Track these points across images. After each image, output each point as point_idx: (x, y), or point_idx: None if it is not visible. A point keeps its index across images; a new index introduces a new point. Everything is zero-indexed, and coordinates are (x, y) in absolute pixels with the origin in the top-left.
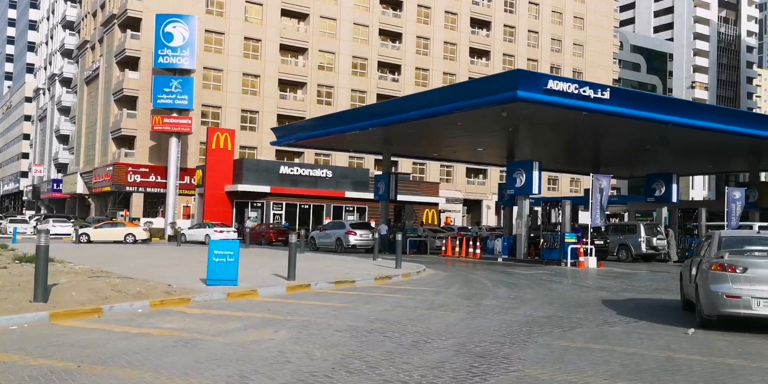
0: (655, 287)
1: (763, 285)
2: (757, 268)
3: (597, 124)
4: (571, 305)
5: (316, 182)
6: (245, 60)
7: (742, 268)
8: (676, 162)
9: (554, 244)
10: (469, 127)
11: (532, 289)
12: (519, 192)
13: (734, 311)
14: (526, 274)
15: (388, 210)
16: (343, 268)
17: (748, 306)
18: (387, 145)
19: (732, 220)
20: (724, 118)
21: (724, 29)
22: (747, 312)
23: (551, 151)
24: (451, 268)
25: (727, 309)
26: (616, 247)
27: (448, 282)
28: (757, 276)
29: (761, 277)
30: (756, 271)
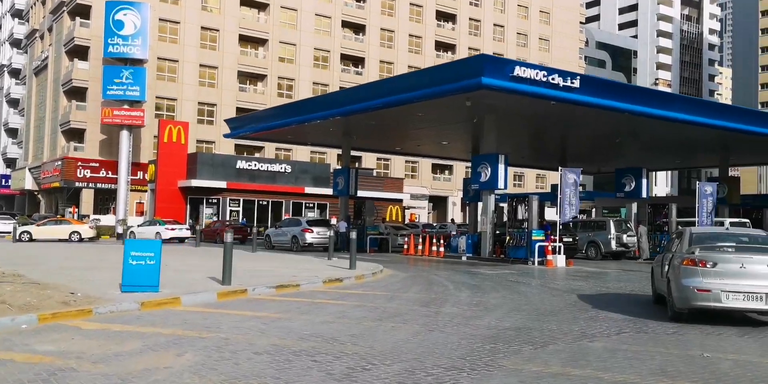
0: (631, 288)
1: (732, 279)
2: (726, 263)
3: (566, 115)
4: (542, 312)
5: (275, 177)
6: (202, 51)
7: (712, 263)
8: (645, 157)
9: (521, 242)
10: (432, 118)
11: (497, 293)
12: (484, 187)
13: (705, 304)
14: (492, 275)
15: (347, 206)
16: (292, 269)
17: (718, 299)
18: (347, 137)
19: (703, 216)
20: (694, 109)
21: (687, 27)
22: (717, 305)
23: (518, 145)
24: (411, 268)
25: (699, 302)
26: (585, 245)
27: (405, 285)
28: (726, 270)
29: (730, 271)
30: (725, 266)
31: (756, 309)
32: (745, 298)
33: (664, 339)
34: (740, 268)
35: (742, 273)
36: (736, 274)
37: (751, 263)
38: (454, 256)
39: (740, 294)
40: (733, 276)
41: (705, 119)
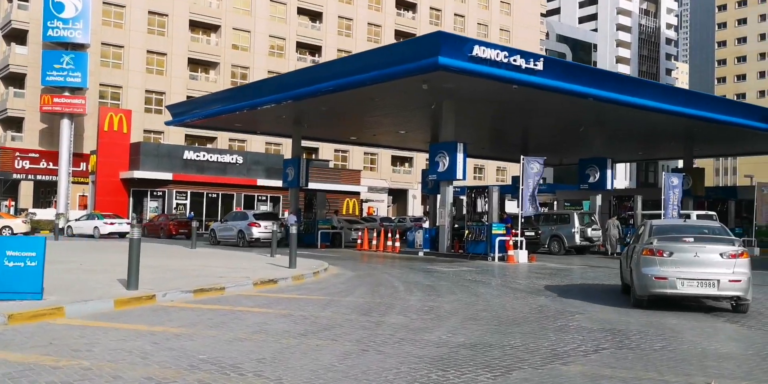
0: (600, 288)
1: (687, 267)
2: (681, 252)
3: (528, 102)
4: (503, 321)
5: (226, 169)
6: (150, 36)
7: (668, 253)
8: (608, 147)
9: (480, 236)
10: (388, 104)
11: (453, 295)
12: (442, 177)
13: (662, 291)
14: (448, 273)
15: (298, 198)
16: (225, 268)
17: (674, 286)
18: (297, 125)
19: (669, 208)
20: (661, 95)
21: (645, 21)
22: (672, 291)
23: (478, 135)
24: (361, 266)
25: (656, 289)
26: (548, 239)
27: (349, 286)
28: (682, 259)
29: (685, 260)
30: (681, 255)
31: (708, 294)
32: (699, 285)
33: (654, 358)
34: (694, 256)
35: (696, 261)
36: (690, 262)
37: (704, 252)
38: (410, 251)
39: (694, 281)
40: (687, 264)
41: (672, 106)
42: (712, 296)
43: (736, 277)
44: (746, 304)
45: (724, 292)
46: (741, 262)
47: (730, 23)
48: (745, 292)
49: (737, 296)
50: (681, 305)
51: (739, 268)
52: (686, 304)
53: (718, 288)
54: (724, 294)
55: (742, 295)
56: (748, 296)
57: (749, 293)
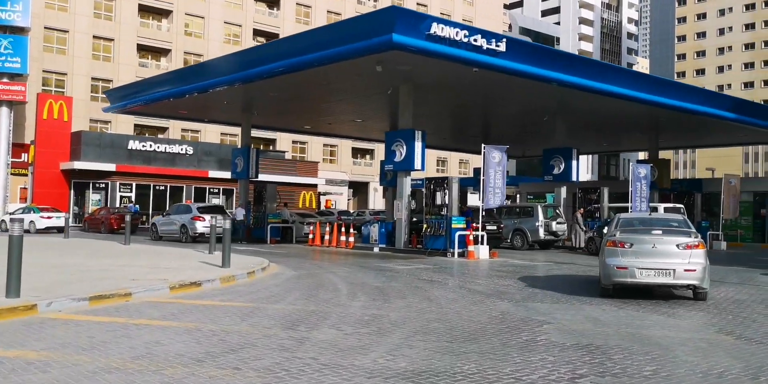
0: (571, 288)
1: (645, 258)
2: (641, 243)
3: (490, 87)
4: (458, 336)
5: (174, 160)
6: (96, 21)
7: (629, 244)
8: (573, 138)
9: (440, 231)
10: (341, 89)
11: (403, 300)
12: (399, 167)
13: (623, 280)
14: (403, 272)
15: (247, 190)
16: (146, 268)
17: (633, 275)
18: (247, 113)
19: (637, 200)
20: (629, 81)
21: (607, 15)
22: (632, 280)
23: (438, 124)
24: (307, 264)
25: (618, 278)
26: (511, 233)
27: (285, 289)
28: (641, 250)
29: (644, 251)
30: (640, 246)
31: (665, 283)
32: (656, 274)
33: (637, 372)
34: (652, 248)
35: (654, 252)
36: (649, 253)
37: (662, 243)
38: (365, 247)
39: (651, 270)
40: (646, 255)
41: (640, 93)
42: (669, 285)
43: (691, 266)
44: (704, 292)
45: (680, 281)
46: (696, 252)
47: (690, 18)
48: (700, 281)
49: (693, 285)
50: (649, 295)
51: (694, 259)
52: (656, 293)
53: (674, 277)
54: (680, 282)
55: (697, 283)
56: (704, 285)
57: (705, 282)
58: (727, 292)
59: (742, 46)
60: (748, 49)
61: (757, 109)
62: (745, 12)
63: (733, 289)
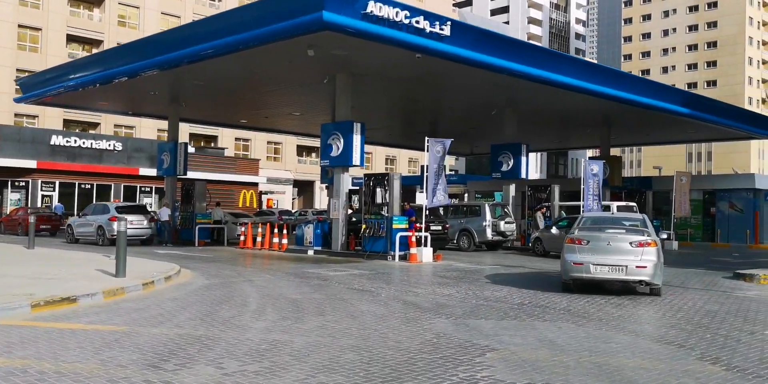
0: (521, 299)
1: (600, 254)
2: (596, 241)
3: (435, 76)
4: (376, 374)
5: (102, 156)
6: (22, 8)
7: (586, 241)
8: (522, 134)
9: (380, 232)
10: (273, 78)
11: (318, 319)
12: (336, 163)
13: (579, 275)
14: (332, 279)
15: (174, 188)
16: (25, 278)
17: (588, 271)
18: (175, 104)
19: (589, 198)
20: (580, 71)
21: (556, 15)
22: (587, 275)
23: (383, 119)
24: (227, 270)
25: (575, 274)
26: (457, 234)
27: (182, 304)
28: (596, 247)
29: (599, 248)
30: (596, 244)
31: (618, 279)
32: (609, 270)
33: None
34: (607, 245)
35: (608, 249)
36: (603, 250)
37: (616, 241)
38: (300, 250)
39: (605, 266)
40: (601, 252)
41: (593, 85)
42: (622, 280)
43: (642, 263)
44: (657, 287)
45: (632, 277)
46: (648, 250)
47: (636, 19)
48: (651, 277)
49: (644, 281)
50: (607, 292)
51: (646, 256)
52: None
53: (626, 273)
54: (632, 278)
55: (648, 279)
56: (655, 281)
57: (657, 278)
58: (695, 301)
59: (685, 47)
60: (691, 50)
61: (708, 104)
62: (688, 13)
63: (700, 297)
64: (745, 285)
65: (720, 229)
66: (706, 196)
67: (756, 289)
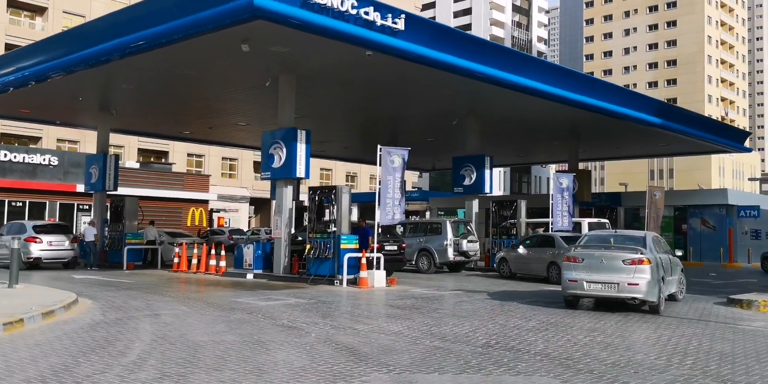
0: (486, 338)
1: (594, 272)
2: (590, 258)
3: (389, 79)
4: None
5: (35, 171)
6: None
7: (581, 259)
8: (486, 147)
9: (326, 253)
10: (208, 81)
11: (213, 376)
12: (278, 175)
13: (574, 292)
14: (260, 311)
15: (104, 205)
16: None
17: (582, 287)
18: (105, 112)
19: (558, 215)
20: (547, 75)
21: (518, 34)
22: (581, 292)
23: (337, 130)
24: (139, 301)
25: (570, 290)
26: (415, 254)
27: (43, 352)
28: (590, 265)
29: (592, 266)
30: (589, 261)
31: (611, 296)
32: (602, 287)
33: None
34: (600, 263)
35: (601, 267)
36: (597, 267)
37: (609, 259)
38: (238, 273)
39: (598, 284)
40: (594, 269)
41: (560, 90)
42: (614, 298)
43: (634, 280)
44: (653, 304)
45: (623, 294)
46: (641, 268)
47: (597, 37)
48: (644, 295)
49: (637, 298)
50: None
51: (639, 274)
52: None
53: (618, 290)
54: (624, 295)
55: (641, 296)
56: (649, 298)
57: (651, 295)
58: (699, 339)
59: (646, 65)
60: (651, 69)
61: (680, 113)
62: (648, 32)
63: (701, 332)
64: (745, 314)
65: (692, 247)
66: (677, 213)
67: (759, 318)
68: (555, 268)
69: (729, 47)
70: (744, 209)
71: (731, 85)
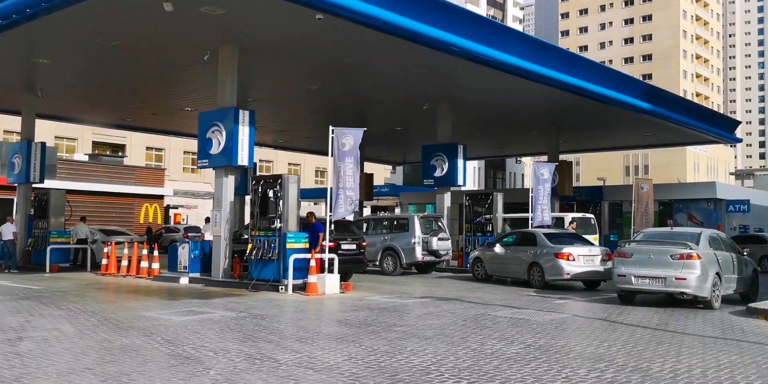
0: (455, 378)
1: (642, 267)
2: (639, 254)
3: (348, 53)
4: None
5: None
6: None
7: (630, 255)
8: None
9: (270, 253)
10: (136, 54)
11: None
12: (216, 162)
13: (623, 286)
14: (164, 330)
15: (28, 199)
16: None
17: (630, 282)
18: (30, 94)
19: (538, 209)
20: (530, 51)
21: (493, 12)
22: (630, 287)
23: (296, 119)
24: (20, 315)
25: (620, 285)
26: (380, 253)
27: None
28: (639, 260)
29: (641, 261)
30: (638, 257)
31: (659, 290)
32: (650, 282)
33: None
34: (648, 258)
35: (649, 262)
36: (645, 263)
37: (657, 254)
38: (173, 277)
39: (646, 278)
40: (642, 264)
41: (544, 69)
42: (662, 292)
43: (682, 275)
44: (705, 300)
45: (671, 288)
46: (690, 263)
47: (573, 31)
48: (693, 290)
49: (684, 293)
50: None
51: (687, 269)
52: None
53: (665, 284)
54: (672, 290)
55: (689, 291)
56: (699, 293)
57: (701, 291)
58: (744, 370)
59: (621, 60)
60: (627, 63)
61: (670, 99)
62: (624, 26)
63: (738, 359)
64: None
65: None
66: (661, 208)
67: None
68: (537, 269)
69: (704, 42)
70: (733, 203)
71: (706, 81)
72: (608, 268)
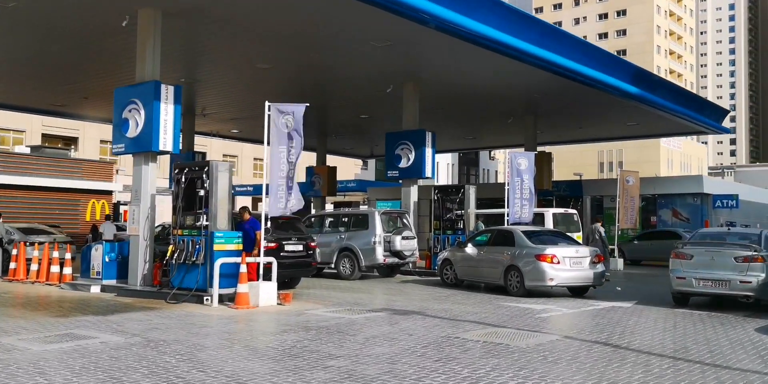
0: None
1: (703, 269)
2: (700, 256)
3: (294, 20)
4: None
5: None
6: None
7: (689, 256)
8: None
9: (194, 257)
10: (50, 26)
11: None
12: (134, 148)
13: (682, 289)
14: (11, 366)
15: None
16: None
17: (690, 285)
18: None
19: (516, 203)
20: (504, 20)
21: None
22: (689, 289)
23: (246, 105)
24: None
25: (678, 287)
26: (335, 255)
27: None
28: (699, 262)
29: (702, 263)
30: (699, 259)
31: (721, 293)
32: (713, 285)
33: None
34: (710, 260)
35: (711, 264)
36: (706, 265)
37: (719, 256)
38: (85, 284)
39: (708, 281)
40: (704, 267)
41: (522, 42)
42: (725, 295)
43: (747, 278)
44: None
45: (735, 292)
46: (755, 265)
47: None
48: (758, 293)
49: (749, 296)
50: None
51: (752, 271)
52: None
53: (729, 288)
54: (735, 293)
55: (753, 294)
56: (765, 297)
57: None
58: None
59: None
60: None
61: (660, 84)
62: (598, 21)
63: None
64: None
65: None
66: (644, 203)
67: None
68: (515, 274)
69: (677, 38)
70: (720, 198)
71: (680, 77)
72: (598, 272)
